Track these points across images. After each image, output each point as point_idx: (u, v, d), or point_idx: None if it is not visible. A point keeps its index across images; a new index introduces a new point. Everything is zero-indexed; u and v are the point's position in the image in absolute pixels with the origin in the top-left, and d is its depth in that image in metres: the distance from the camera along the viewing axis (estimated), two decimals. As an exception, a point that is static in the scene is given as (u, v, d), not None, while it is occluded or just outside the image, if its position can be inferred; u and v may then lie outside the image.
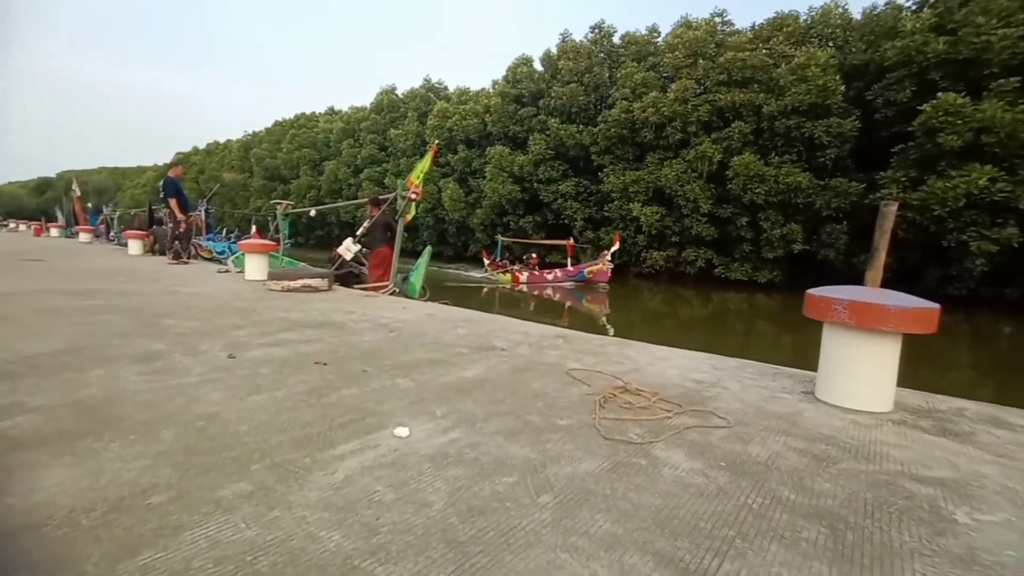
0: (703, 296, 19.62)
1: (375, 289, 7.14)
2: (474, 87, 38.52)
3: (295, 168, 47.39)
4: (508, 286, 20.03)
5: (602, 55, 27.82)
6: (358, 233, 7.88)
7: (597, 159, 25.74)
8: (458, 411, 2.15)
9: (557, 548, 1.21)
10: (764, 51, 21.00)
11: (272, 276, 6.33)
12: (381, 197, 8.14)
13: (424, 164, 7.71)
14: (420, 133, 36.37)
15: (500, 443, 1.81)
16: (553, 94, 27.67)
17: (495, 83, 34.48)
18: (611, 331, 12.34)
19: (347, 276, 8.03)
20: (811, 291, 2.52)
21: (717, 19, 24.22)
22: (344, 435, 1.83)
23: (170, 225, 9.79)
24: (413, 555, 1.16)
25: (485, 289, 20.12)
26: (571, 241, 22.52)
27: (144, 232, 12.14)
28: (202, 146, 69.54)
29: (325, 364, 2.84)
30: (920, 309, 2.22)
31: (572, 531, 1.28)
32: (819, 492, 1.55)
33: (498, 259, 23.11)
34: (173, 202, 9.21)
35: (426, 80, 42.24)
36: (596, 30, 28.74)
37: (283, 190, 47.10)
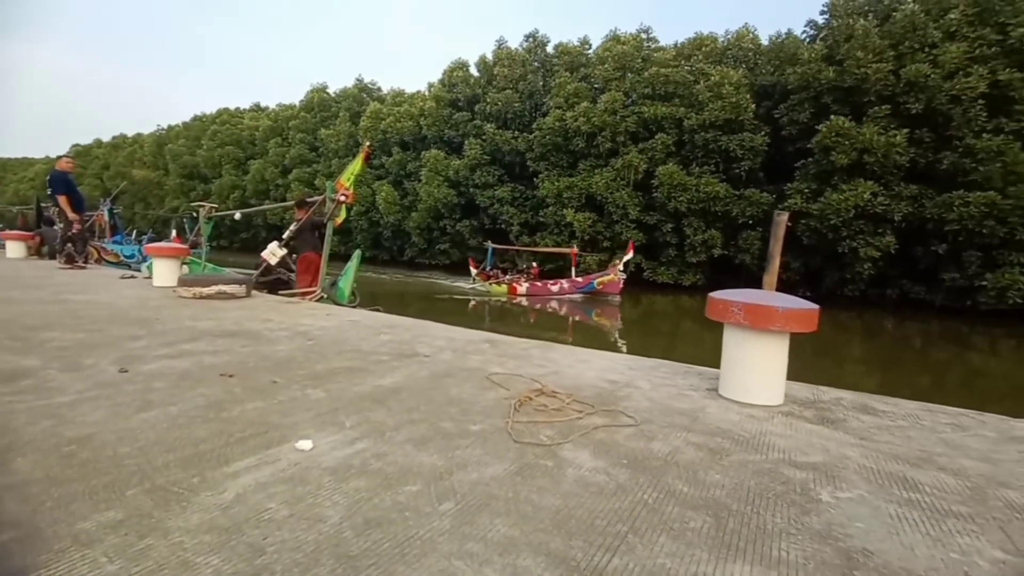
0: (633, 299, 20.46)
1: (303, 295, 6.82)
2: (409, 89, 38.01)
3: (217, 167, 44.37)
4: (503, 299, 17.96)
5: (536, 64, 28.39)
6: (284, 236, 7.51)
7: (532, 165, 26.19)
8: (369, 421, 2.09)
9: (452, 556, 1.20)
10: (686, 68, 22.35)
11: (182, 282, 5.87)
12: (308, 200, 7.80)
13: (355, 166, 7.48)
14: (353, 134, 35.28)
15: (408, 452, 1.78)
16: (489, 100, 27.85)
17: (431, 86, 34.18)
18: (624, 348, 11.47)
19: (275, 282, 7.63)
20: (712, 294, 2.69)
21: (643, 35, 25.48)
22: (241, 451, 1.72)
23: (61, 225, 8.81)
24: (299, 573, 1.11)
25: (472, 302, 17.91)
26: (574, 248, 20.11)
27: (28, 232, 10.82)
28: (106, 138, 63.29)
29: (231, 376, 2.66)
30: (803, 310, 2.44)
31: (469, 537, 1.28)
32: (710, 483, 1.66)
33: (488, 268, 21.02)
34: (62, 199, 8.29)
35: (359, 80, 41.10)
36: (530, 39, 29.30)
37: (203, 190, 43.94)
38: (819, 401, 2.74)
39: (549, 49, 28.80)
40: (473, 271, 21.10)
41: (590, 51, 26.98)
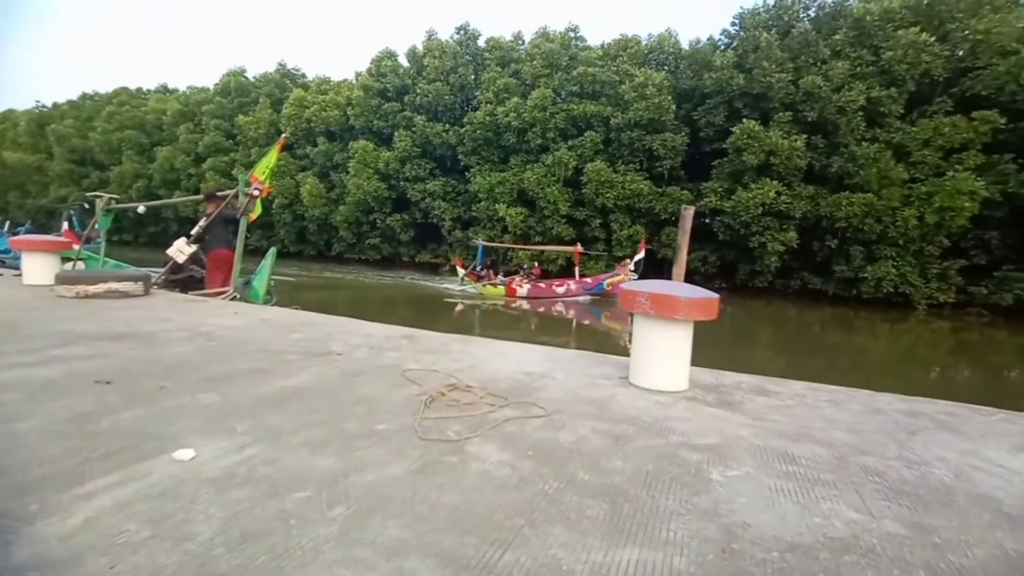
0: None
1: (215, 295, 6.31)
2: (335, 77, 36.29)
3: (115, 152, 40.01)
4: (499, 301, 16.48)
5: (468, 57, 28.11)
6: (193, 233, 6.90)
7: (464, 159, 25.98)
8: (265, 425, 1.94)
9: (335, 564, 1.13)
10: (612, 69, 23.08)
11: (62, 279, 5.21)
12: (219, 193, 7.23)
13: (270, 158, 7.02)
14: (274, 121, 33.14)
15: (303, 456, 1.67)
16: (419, 91, 27.23)
17: (358, 75, 32.84)
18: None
19: (188, 280, 7.01)
20: (624, 285, 2.77)
21: (571, 34, 25.99)
22: (103, 468, 1.53)
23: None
24: (153, 602, 0.99)
25: (459, 306, 16.35)
26: (578, 247, 18.25)
27: None
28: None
29: (109, 383, 2.38)
30: (705, 299, 2.57)
31: (358, 542, 1.21)
32: (611, 470, 1.69)
33: (478, 267, 19.08)
34: None
35: (281, 65, 38.59)
36: (462, 31, 28.95)
37: (99, 178, 39.52)
38: (721, 385, 2.92)
39: (481, 43, 28.61)
40: (461, 271, 19.14)
41: (522, 47, 27.12)
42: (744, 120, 19.18)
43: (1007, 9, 17.82)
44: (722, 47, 22.25)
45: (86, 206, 11.20)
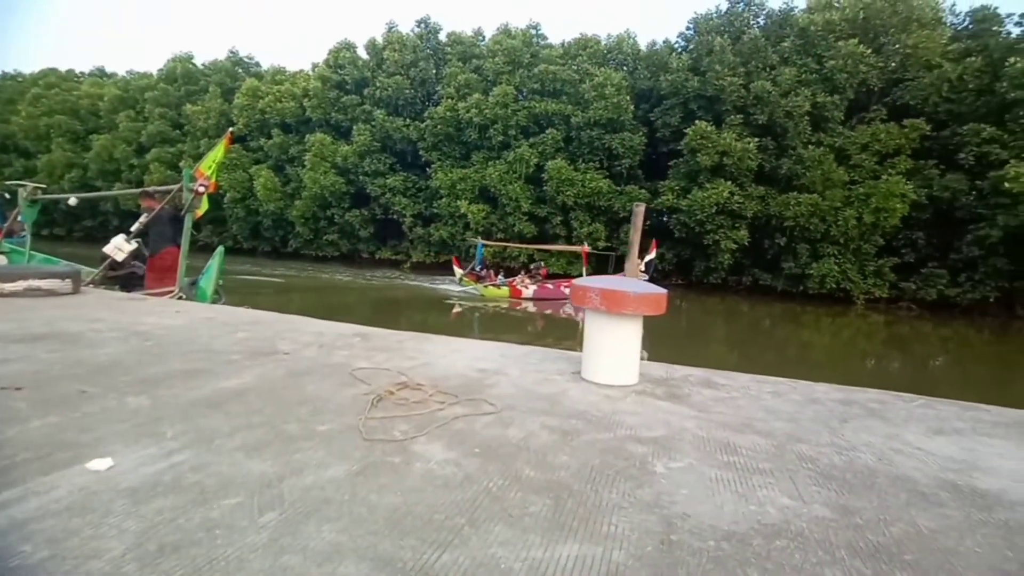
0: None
1: (159, 295, 5.96)
2: (291, 68, 35.03)
3: (43, 139, 37.23)
4: (502, 304, 15.70)
5: (428, 51, 27.72)
6: (133, 230, 6.48)
7: (425, 155, 25.65)
8: (198, 429, 1.84)
9: (262, 573, 1.07)
10: (572, 68, 23.31)
11: (-27, 277, 4.78)
12: (159, 189, 6.85)
13: (217, 152, 6.69)
14: (226, 112, 31.69)
15: (237, 460, 1.59)
16: (378, 84, 26.66)
17: (315, 66, 31.82)
18: (644, 355, 10.26)
19: (130, 278, 6.58)
20: (575, 281, 2.79)
21: (532, 31, 26.06)
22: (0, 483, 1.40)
23: None
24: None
25: (457, 308, 15.39)
26: (585, 247, 17.80)
27: None
28: None
29: (19, 388, 2.19)
30: (653, 294, 2.62)
31: (288, 549, 1.16)
32: (557, 466, 1.69)
33: (477, 267, 18.26)
34: None
35: (232, 53, 36.91)
36: (422, 25, 28.51)
37: (24, 166, 36.67)
38: (670, 379, 2.98)
39: (442, 37, 28.27)
40: (458, 271, 18.31)
41: (483, 42, 26.98)
42: (698, 122, 19.79)
43: (932, 26, 19.14)
44: (678, 50, 22.86)
45: (7, 196, 10.29)
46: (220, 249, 6.81)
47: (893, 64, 19.33)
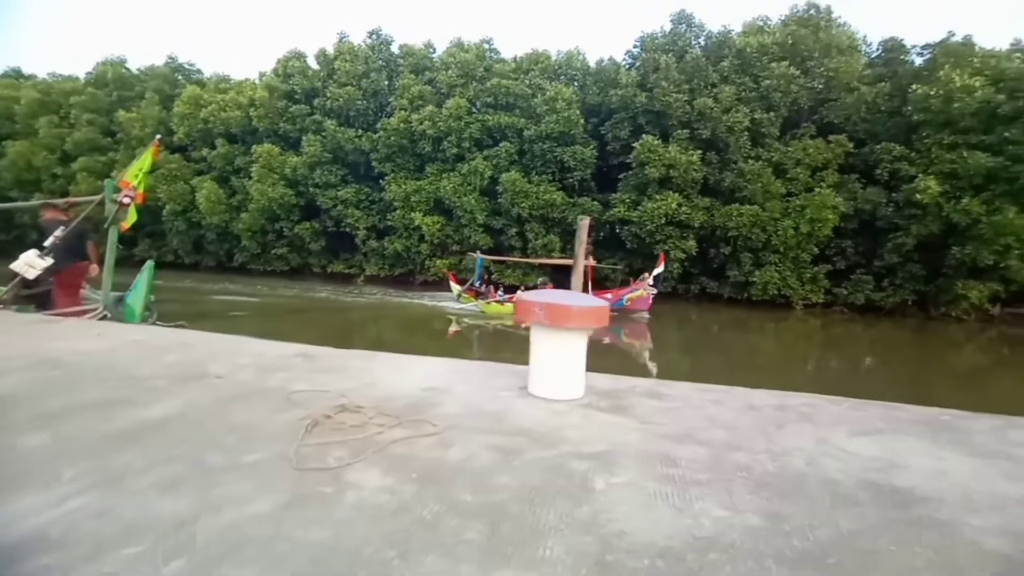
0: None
1: (78, 315, 5.51)
2: (236, 76, 33.78)
3: (-58, 145, 34.01)
4: (505, 321, 14.89)
5: (381, 62, 27.46)
6: (46, 245, 5.99)
7: (378, 166, 25.28)
8: (107, 467, 1.68)
9: (161, 632, 0.98)
10: (525, 82, 23.70)
11: None
12: (73, 201, 6.41)
13: (143, 161, 6.35)
14: (164, 120, 30.10)
15: (147, 501, 1.46)
16: (329, 95, 26.12)
17: (262, 75, 30.83)
18: (653, 371, 9.38)
19: (46, 296, 6.05)
20: (518, 296, 2.78)
21: (485, 45, 26.34)
22: None
23: None
24: None
25: (458, 327, 14.40)
26: (591, 261, 16.82)
27: None
28: None
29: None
30: (596, 307, 2.65)
31: (195, 601, 1.06)
32: (497, 487, 1.66)
33: (476, 283, 17.41)
34: None
35: (171, 59, 35.18)
36: (374, 36, 28.24)
37: (-79, 174, 33.38)
38: (616, 390, 3.01)
39: (394, 49, 28.09)
40: (456, 287, 17.41)
41: (435, 55, 27.00)
42: (646, 136, 20.53)
43: (849, 53, 20.83)
44: (626, 67, 23.69)
45: None
46: (149, 263, 6.42)
47: (819, 86, 20.81)
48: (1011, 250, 16.80)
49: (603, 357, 9.59)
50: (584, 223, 2.91)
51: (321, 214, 26.68)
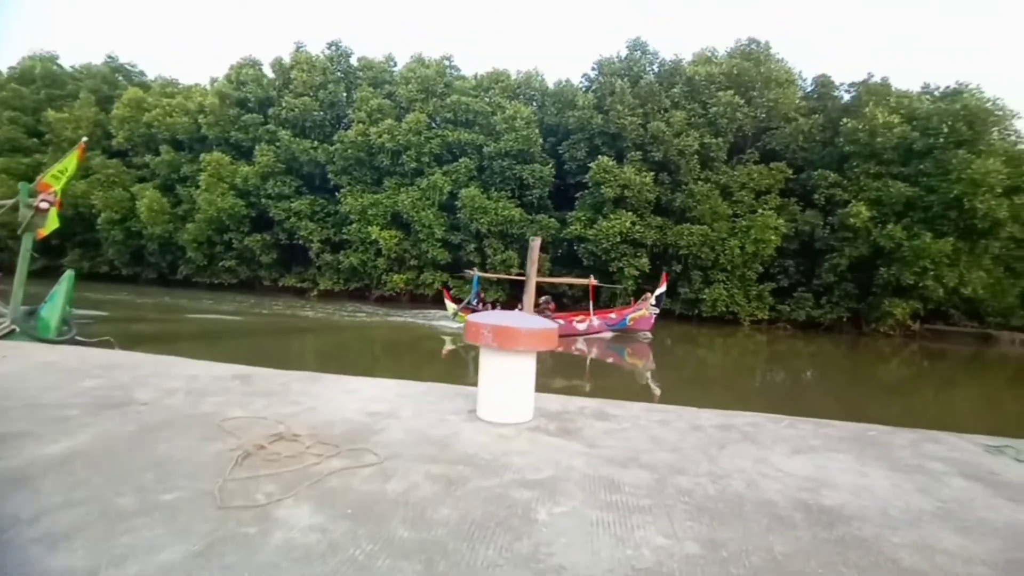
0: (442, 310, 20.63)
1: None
2: (184, 81, 32.42)
3: None
4: None
5: (339, 73, 27.05)
6: None
7: (334, 179, 24.72)
8: (-4, 513, 1.50)
9: None
10: (484, 100, 23.92)
11: None
12: None
13: (66, 164, 5.92)
14: (101, 122, 28.38)
15: (36, 556, 1.31)
16: (285, 104, 25.44)
17: (214, 81, 29.71)
18: (657, 393, 8.71)
19: None
20: (469, 318, 2.74)
21: (446, 62, 26.48)
22: None
23: None
24: None
25: (455, 348, 12.94)
26: (592, 279, 16.25)
27: None
28: None
29: None
30: (544, 329, 2.64)
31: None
32: (436, 521, 1.59)
33: (473, 301, 16.47)
34: None
35: (111, 58, 33.35)
36: (333, 47, 27.84)
37: None
38: (566, 412, 3.01)
39: (353, 61, 27.76)
40: (451, 305, 16.32)
41: (395, 69, 26.87)
42: (601, 156, 21.11)
43: (786, 86, 22.32)
44: (584, 89, 24.37)
45: None
46: (69, 273, 5.95)
47: (762, 115, 22.09)
48: (928, 272, 18.36)
49: (567, 376, 9.63)
50: (535, 243, 2.91)
51: (273, 226, 25.75)
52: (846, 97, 22.67)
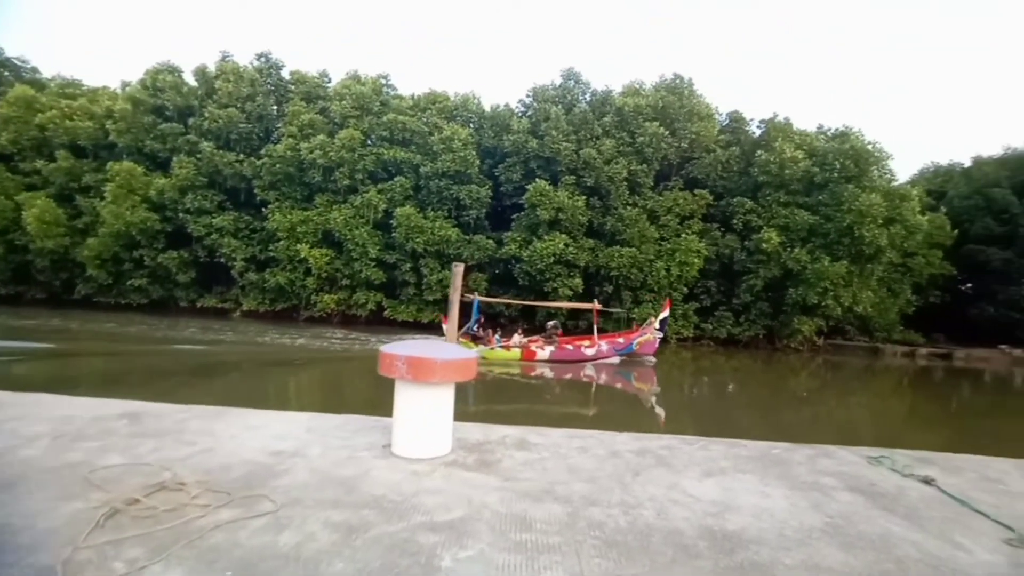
0: (381, 335, 19.98)
1: None
2: (89, 82, 29.81)
3: None
4: (511, 368, 13.45)
5: (269, 86, 26.00)
6: None
7: (261, 194, 23.52)
8: None
9: None
10: (421, 120, 23.88)
11: None
12: None
13: None
14: (-19, 123, 25.37)
15: None
16: (208, 115, 24.02)
17: (125, 85, 27.53)
18: (661, 417, 9.20)
19: None
20: (383, 348, 2.62)
21: (382, 80, 26.23)
22: None
23: None
24: None
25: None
26: (596, 304, 16.37)
27: None
28: None
29: None
30: (461, 360, 2.58)
31: None
32: (329, 576, 1.47)
33: (474, 327, 15.53)
34: None
35: (-4, 51, 30.09)
36: (263, 59, 26.75)
37: None
38: (486, 442, 2.94)
39: (284, 74, 26.81)
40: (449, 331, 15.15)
41: (329, 84, 26.23)
42: (537, 179, 21.65)
43: (707, 119, 24.17)
44: (519, 114, 24.99)
45: None
46: None
47: (685, 145, 23.67)
48: (828, 292, 20.37)
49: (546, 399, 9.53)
50: (458, 268, 2.88)
51: (192, 242, 23.98)
52: (757, 132, 24.85)
